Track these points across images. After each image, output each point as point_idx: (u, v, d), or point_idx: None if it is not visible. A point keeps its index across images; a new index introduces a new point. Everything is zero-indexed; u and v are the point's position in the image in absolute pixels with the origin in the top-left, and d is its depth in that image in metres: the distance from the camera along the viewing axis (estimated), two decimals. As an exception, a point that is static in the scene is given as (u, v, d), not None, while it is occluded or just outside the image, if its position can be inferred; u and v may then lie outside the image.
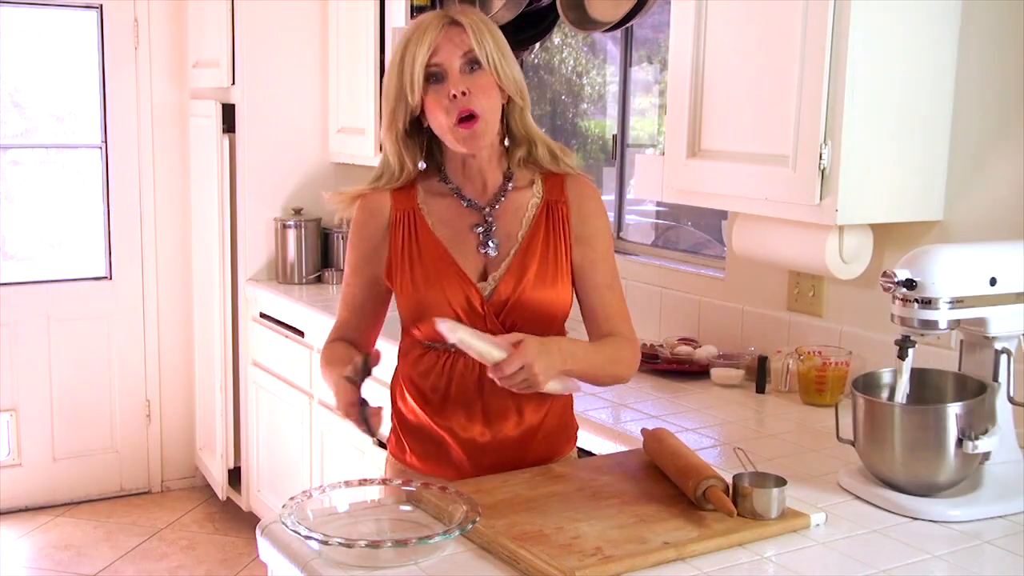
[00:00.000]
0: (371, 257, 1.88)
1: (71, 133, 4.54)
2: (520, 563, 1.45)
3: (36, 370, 4.40)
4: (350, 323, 1.96)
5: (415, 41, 1.76)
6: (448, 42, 1.76)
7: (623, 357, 1.86)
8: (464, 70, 1.76)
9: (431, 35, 1.76)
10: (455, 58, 1.76)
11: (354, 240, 1.91)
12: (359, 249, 1.90)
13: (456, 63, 1.76)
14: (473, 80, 1.76)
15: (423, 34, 1.76)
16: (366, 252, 1.89)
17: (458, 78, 1.76)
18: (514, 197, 1.87)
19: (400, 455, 1.95)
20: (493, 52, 1.77)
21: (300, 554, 1.51)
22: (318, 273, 4.08)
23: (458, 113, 1.75)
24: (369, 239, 1.88)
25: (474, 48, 1.76)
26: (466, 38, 1.76)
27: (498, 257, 1.84)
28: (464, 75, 1.76)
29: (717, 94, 2.37)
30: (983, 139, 2.21)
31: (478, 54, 1.76)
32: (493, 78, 1.78)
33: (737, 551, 1.53)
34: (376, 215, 1.87)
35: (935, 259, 1.72)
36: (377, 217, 1.87)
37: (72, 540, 4.16)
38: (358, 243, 1.90)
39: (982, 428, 1.70)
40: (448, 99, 1.75)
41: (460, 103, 1.75)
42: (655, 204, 3.57)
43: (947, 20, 2.20)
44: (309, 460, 3.64)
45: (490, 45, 1.77)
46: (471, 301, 1.80)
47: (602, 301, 1.88)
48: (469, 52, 1.76)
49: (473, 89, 1.75)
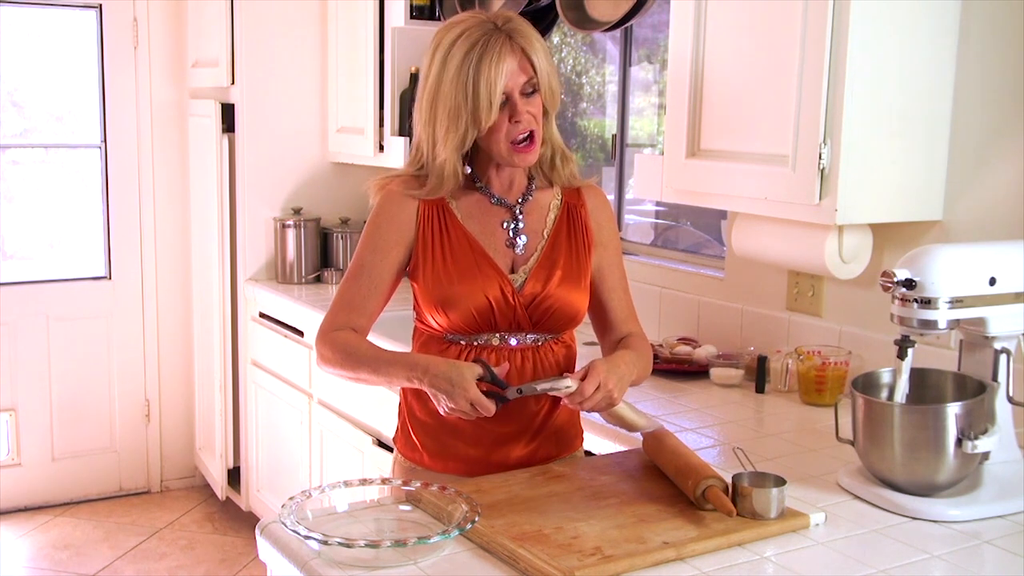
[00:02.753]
0: (400, 241, 1.87)
1: (70, 133, 4.54)
2: (519, 563, 1.45)
3: (35, 370, 4.40)
4: (362, 307, 1.89)
5: (490, 63, 1.77)
6: (516, 67, 1.79)
7: (648, 356, 1.96)
8: (525, 92, 1.81)
9: (508, 63, 1.77)
10: (519, 83, 1.80)
11: (380, 221, 1.88)
12: (387, 231, 1.88)
13: (519, 87, 1.80)
14: (530, 102, 1.82)
15: (499, 59, 1.77)
16: (396, 236, 1.87)
17: (521, 103, 1.80)
18: (538, 197, 1.94)
19: (411, 454, 1.96)
20: (546, 75, 1.82)
21: (299, 554, 1.50)
22: (317, 273, 4.07)
23: (519, 135, 1.81)
24: (402, 224, 1.87)
25: (536, 76, 1.80)
26: (527, 64, 1.80)
27: (525, 254, 1.89)
28: (524, 97, 1.81)
29: (716, 94, 2.37)
30: (983, 139, 2.21)
31: (539, 82, 1.81)
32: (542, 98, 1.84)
33: (737, 551, 1.53)
34: (408, 204, 1.88)
35: (935, 259, 1.72)
36: (409, 206, 1.88)
37: (71, 540, 4.16)
38: (386, 225, 1.88)
39: (981, 428, 1.70)
40: (510, 123, 1.80)
41: (523, 127, 1.81)
42: (654, 204, 3.57)
43: (947, 20, 2.20)
44: (308, 460, 3.64)
45: (543, 67, 1.81)
46: (504, 292, 1.84)
47: (620, 303, 1.98)
48: (532, 80, 1.80)
49: (532, 111, 1.82)
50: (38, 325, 4.39)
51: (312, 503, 1.60)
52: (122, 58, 4.42)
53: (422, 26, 3.66)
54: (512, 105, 1.80)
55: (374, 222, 1.90)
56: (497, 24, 1.80)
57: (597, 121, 3.82)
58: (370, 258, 1.88)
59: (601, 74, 3.81)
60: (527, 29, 1.82)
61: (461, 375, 1.72)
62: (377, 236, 1.88)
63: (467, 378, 1.72)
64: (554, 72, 1.85)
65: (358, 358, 1.84)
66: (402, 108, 3.69)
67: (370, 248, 1.89)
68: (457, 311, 1.83)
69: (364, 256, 1.89)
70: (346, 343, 1.86)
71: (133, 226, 4.52)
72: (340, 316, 1.89)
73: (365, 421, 3.24)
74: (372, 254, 1.88)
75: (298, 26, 4.08)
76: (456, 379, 1.72)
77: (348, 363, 1.85)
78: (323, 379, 3.49)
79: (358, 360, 1.84)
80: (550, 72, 1.83)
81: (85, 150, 4.52)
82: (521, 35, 1.80)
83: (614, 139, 3.48)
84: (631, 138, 3.47)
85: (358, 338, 1.87)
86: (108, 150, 4.46)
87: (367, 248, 1.89)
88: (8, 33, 4.30)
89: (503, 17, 1.82)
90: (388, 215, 1.88)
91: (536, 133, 1.83)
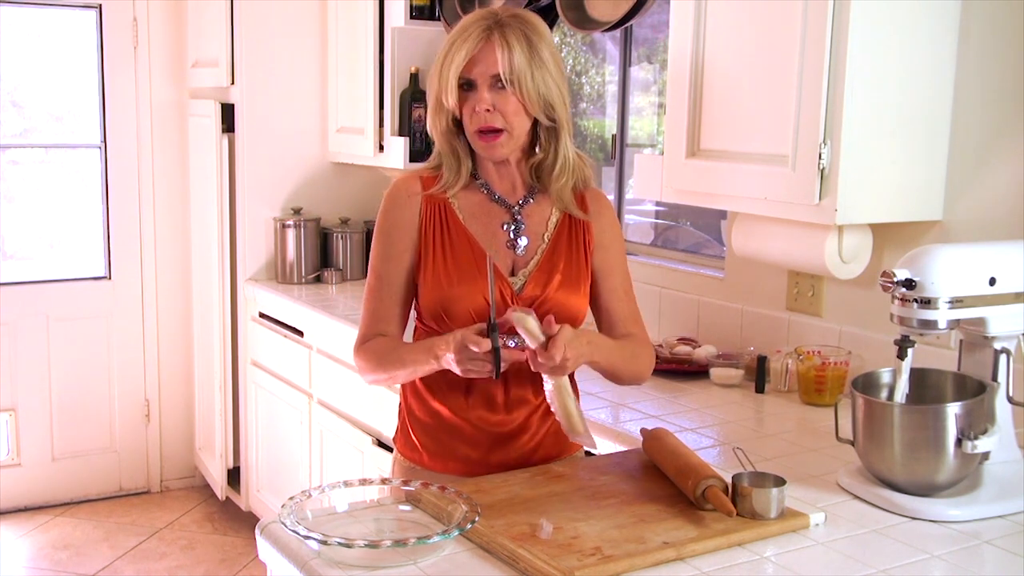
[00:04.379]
0: (409, 246, 1.88)
1: (70, 133, 4.54)
2: (519, 563, 1.45)
3: (35, 370, 4.40)
4: (389, 316, 1.90)
5: (456, 47, 1.79)
6: (484, 55, 1.78)
7: (642, 357, 1.95)
8: (494, 85, 1.80)
9: (469, 44, 1.78)
10: (487, 72, 1.79)
11: (387, 228, 1.89)
12: (395, 237, 1.88)
13: (487, 77, 1.79)
14: (499, 96, 1.80)
15: (464, 41, 1.79)
16: (404, 239, 1.88)
17: (486, 93, 1.79)
18: (541, 199, 1.93)
19: (411, 454, 1.96)
20: (520, 74, 1.78)
21: (299, 554, 1.50)
22: (317, 273, 4.07)
23: (480, 126, 1.81)
24: (406, 225, 1.88)
25: (500, 73, 1.78)
26: (499, 57, 1.77)
27: (525, 256, 1.89)
28: (492, 90, 1.80)
29: (716, 94, 2.37)
30: (982, 139, 2.21)
31: (508, 78, 1.78)
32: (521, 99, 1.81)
33: (736, 551, 1.53)
34: (410, 200, 1.89)
35: (934, 259, 1.72)
36: (411, 202, 1.89)
37: (71, 540, 4.16)
38: (394, 232, 1.89)
39: (981, 428, 1.70)
40: (474, 111, 1.80)
41: (484, 117, 1.80)
42: (654, 204, 3.57)
43: (947, 20, 2.20)
44: (308, 460, 3.64)
45: (519, 65, 1.78)
46: (503, 294, 1.84)
47: (619, 304, 1.96)
48: (497, 73, 1.79)
49: (499, 106, 1.80)
50: (38, 325, 4.39)
51: (312, 503, 1.60)
52: (122, 58, 4.42)
53: (422, 26, 3.66)
54: (475, 93, 1.80)
55: (382, 228, 1.91)
56: (498, 16, 1.80)
57: (597, 121, 3.82)
58: (385, 268, 1.90)
59: (601, 74, 3.81)
60: (521, 28, 1.79)
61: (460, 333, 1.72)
62: (388, 244, 1.90)
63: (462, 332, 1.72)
64: (543, 80, 1.80)
65: (387, 359, 1.87)
66: (402, 108, 3.69)
67: (383, 258, 1.90)
68: (456, 312, 1.83)
69: (379, 267, 1.91)
70: (375, 350, 1.89)
71: (133, 226, 4.52)
72: (371, 329, 1.92)
73: (365, 421, 3.24)
74: (386, 263, 1.90)
75: (298, 26, 4.08)
76: (455, 336, 1.72)
77: (381, 366, 1.88)
78: (323, 379, 3.49)
79: (388, 361, 1.87)
80: (532, 76, 1.78)
81: (85, 150, 4.52)
82: (508, 30, 1.78)
83: (614, 139, 3.48)
84: (631, 138, 3.47)
85: (385, 340, 1.90)
86: (108, 150, 4.46)
87: (380, 258, 1.91)
88: (8, 33, 4.30)
89: (510, 12, 1.82)
90: (393, 220, 1.89)
91: (504, 127, 1.80)
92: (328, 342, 3.44)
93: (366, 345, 1.91)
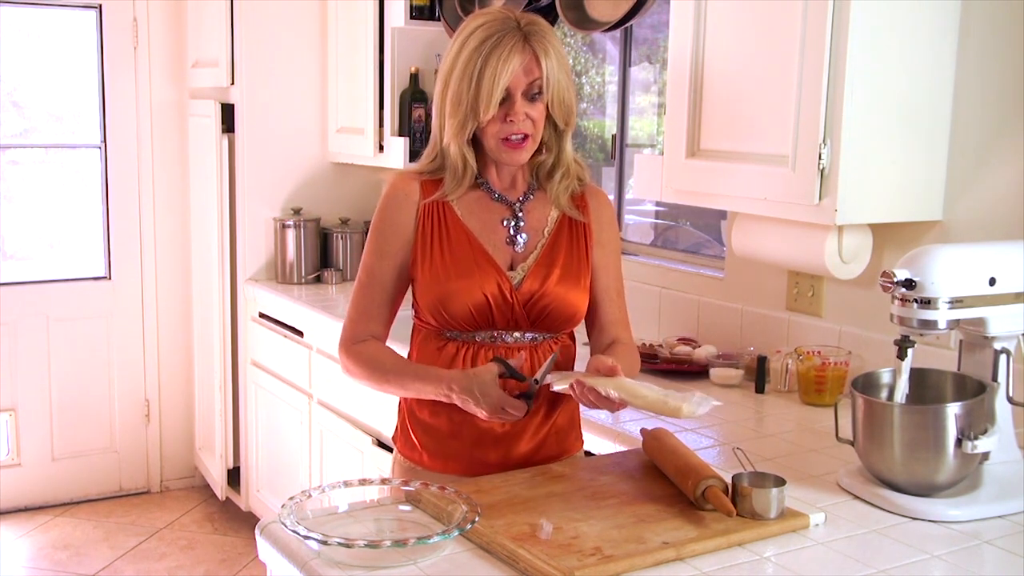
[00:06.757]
0: (403, 245, 1.89)
1: (70, 133, 4.54)
2: (519, 563, 1.45)
3: (35, 370, 4.40)
4: (378, 314, 1.92)
5: (497, 59, 1.78)
6: (522, 68, 1.79)
7: (636, 365, 1.97)
8: (527, 94, 1.81)
9: (516, 60, 1.78)
10: (523, 83, 1.80)
11: (383, 226, 1.90)
12: (390, 236, 1.89)
13: (522, 87, 1.80)
14: (532, 106, 1.82)
15: (507, 55, 1.77)
16: (398, 239, 1.89)
17: (521, 104, 1.80)
18: (540, 196, 1.94)
19: (411, 454, 1.96)
20: (555, 83, 1.81)
21: (299, 554, 1.50)
22: (317, 273, 4.07)
23: (512, 133, 1.81)
24: (401, 226, 1.89)
25: (542, 83, 1.80)
26: (535, 68, 1.79)
27: (524, 252, 1.90)
28: (525, 100, 1.81)
29: (716, 94, 2.37)
30: (982, 139, 2.21)
31: (544, 87, 1.80)
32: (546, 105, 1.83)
33: (736, 551, 1.53)
34: (407, 203, 1.89)
35: (934, 259, 1.72)
36: (408, 204, 1.89)
37: (71, 540, 4.16)
38: (389, 230, 1.90)
39: (981, 428, 1.70)
40: (504, 120, 1.80)
41: (517, 126, 1.81)
42: (654, 204, 3.57)
43: (947, 20, 2.20)
44: (308, 460, 3.64)
45: (553, 74, 1.81)
46: (502, 289, 1.84)
47: (611, 306, 1.97)
48: (537, 82, 1.80)
49: (532, 115, 1.82)
50: (38, 325, 4.39)
51: (312, 503, 1.60)
52: (122, 58, 4.42)
53: (422, 26, 3.66)
54: (511, 103, 1.80)
55: (377, 227, 1.91)
56: (519, 23, 1.81)
57: (597, 121, 3.82)
58: (378, 265, 1.90)
59: (601, 74, 3.81)
60: (547, 35, 1.82)
61: (483, 383, 1.75)
62: (382, 241, 1.90)
63: (488, 383, 1.75)
64: (568, 86, 1.84)
65: (384, 373, 1.88)
66: (402, 108, 3.69)
67: (376, 255, 1.91)
68: (454, 307, 1.84)
69: (372, 263, 1.91)
70: (371, 357, 1.89)
71: (133, 226, 4.52)
72: (359, 327, 1.92)
73: (365, 421, 3.24)
74: (379, 260, 1.90)
75: (298, 26, 4.08)
76: (480, 388, 1.75)
77: (375, 377, 1.89)
78: (323, 379, 3.49)
79: (384, 375, 1.88)
80: (561, 83, 1.82)
81: (85, 150, 4.52)
82: (537, 38, 1.80)
83: (614, 139, 3.48)
84: (631, 138, 3.47)
85: (381, 350, 1.90)
86: (108, 150, 4.46)
87: (374, 255, 1.91)
88: (8, 33, 4.30)
89: (527, 19, 1.83)
90: (389, 219, 1.90)
91: (531, 135, 1.83)
92: (328, 342, 3.44)
93: (358, 347, 1.91)
